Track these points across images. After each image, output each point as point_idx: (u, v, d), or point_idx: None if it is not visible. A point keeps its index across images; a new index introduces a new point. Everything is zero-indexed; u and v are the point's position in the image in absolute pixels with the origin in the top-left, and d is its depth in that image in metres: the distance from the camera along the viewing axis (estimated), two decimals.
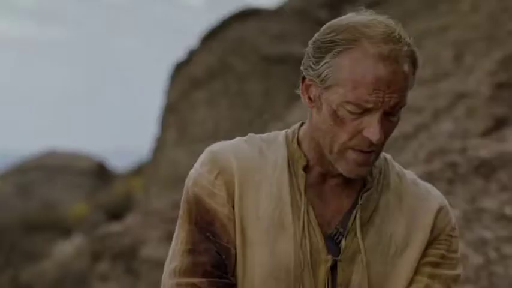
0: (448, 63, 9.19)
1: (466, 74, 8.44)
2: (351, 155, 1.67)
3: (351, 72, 1.63)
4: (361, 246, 1.73)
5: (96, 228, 17.79)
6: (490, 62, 8.15)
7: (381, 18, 1.69)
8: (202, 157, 1.78)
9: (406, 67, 1.64)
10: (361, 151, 1.67)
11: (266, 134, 1.83)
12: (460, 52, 9.25)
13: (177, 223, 1.79)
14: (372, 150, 1.68)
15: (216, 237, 1.73)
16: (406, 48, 1.65)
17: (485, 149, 6.00)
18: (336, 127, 1.67)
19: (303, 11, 17.28)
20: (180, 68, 19.73)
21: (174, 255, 1.75)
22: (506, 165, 5.68)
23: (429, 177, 5.48)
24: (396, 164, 1.84)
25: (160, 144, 18.59)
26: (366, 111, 1.64)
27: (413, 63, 1.68)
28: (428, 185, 1.85)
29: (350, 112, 1.64)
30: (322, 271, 1.73)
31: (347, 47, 1.64)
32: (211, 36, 19.35)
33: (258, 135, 1.82)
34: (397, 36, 1.64)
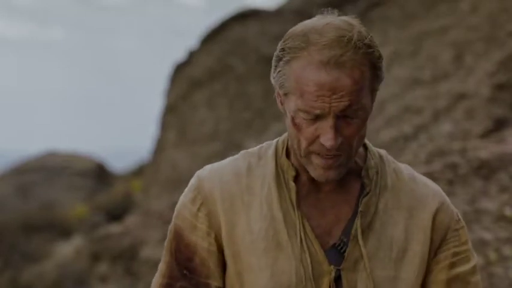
0: (448, 64, 9.19)
1: (465, 75, 8.44)
2: (315, 159, 1.66)
3: (297, 81, 1.63)
4: (364, 253, 1.70)
5: (96, 229, 17.77)
6: (490, 63, 8.15)
7: (342, 20, 1.66)
8: (191, 182, 1.78)
9: (356, 71, 1.61)
10: (323, 156, 1.65)
11: (259, 146, 1.81)
12: (459, 53, 9.24)
13: (164, 246, 1.80)
14: (336, 155, 1.65)
15: (194, 274, 1.73)
16: (355, 51, 1.61)
17: (485, 150, 6.00)
18: (297, 133, 1.66)
19: (303, 12, 17.28)
20: (180, 68, 19.72)
21: (154, 286, 1.79)
22: (506, 166, 5.68)
23: (429, 178, 5.47)
24: (391, 159, 1.81)
25: (160, 145, 18.58)
26: (318, 118, 1.63)
27: (372, 64, 1.64)
28: (425, 180, 1.83)
29: (304, 119, 1.64)
30: (325, 283, 1.70)
31: (294, 55, 1.64)
32: (211, 37, 19.35)
33: (251, 150, 1.81)
34: (346, 41, 1.61)
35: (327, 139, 1.62)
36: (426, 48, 10.27)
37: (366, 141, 1.79)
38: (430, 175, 5.69)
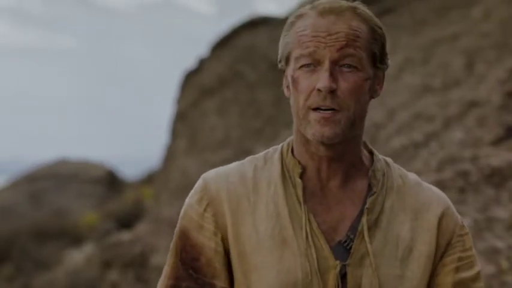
0: (459, 71, 9.17)
1: (477, 82, 8.41)
2: (312, 115, 1.68)
3: (297, 32, 1.71)
4: (369, 249, 1.71)
5: (106, 236, 17.81)
6: (501, 70, 8.12)
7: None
8: (197, 184, 1.80)
9: (353, 21, 1.69)
10: (319, 109, 1.67)
11: (265, 151, 1.84)
12: (471, 60, 9.22)
13: (170, 249, 1.81)
14: (333, 109, 1.67)
15: (199, 274, 1.74)
16: (353, 9, 1.70)
17: (497, 158, 5.97)
18: (297, 93, 1.70)
19: None
20: (190, 76, 19.77)
21: None
22: None
23: (440, 185, 5.46)
24: (397, 166, 1.84)
25: (171, 153, 18.61)
26: (315, 66, 1.68)
27: (370, 26, 1.71)
28: (431, 186, 1.85)
29: (301, 68, 1.69)
30: (331, 277, 1.71)
31: (298, 15, 1.74)
32: (222, 44, 19.39)
33: (257, 155, 1.83)
34: (343, 1, 1.72)
35: (322, 81, 1.66)
36: (437, 55, 10.25)
37: (372, 148, 1.82)
38: (441, 183, 5.67)
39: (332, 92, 1.66)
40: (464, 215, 5.08)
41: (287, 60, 1.74)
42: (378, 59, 1.73)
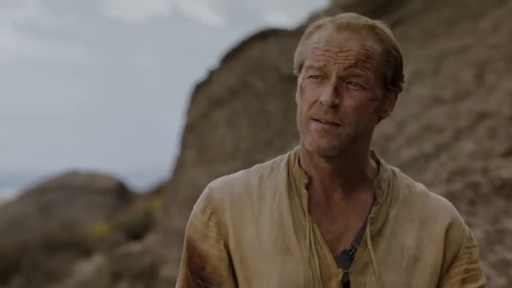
0: (469, 83, 9.16)
1: (487, 94, 8.40)
2: (312, 125, 1.69)
3: (312, 44, 1.73)
4: (373, 257, 1.72)
5: (116, 247, 17.82)
6: (511, 82, 8.12)
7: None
8: (203, 193, 1.82)
9: (368, 41, 1.69)
10: (320, 121, 1.68)
11: (273, 160, 1.85)
12: (480, 72, 9.22)
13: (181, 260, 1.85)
14: (334, 123, 1.68)
15: (206, 283, 1.76)
16: (371, 28, 1.71)
17: (507, 169, 5.96)
18: (302, 101, 1.72)
19: None
20: (200, 87, 19.81)
21: None
22: None
23: (450, 197, 5.45)
24: (404, 176, 1.84)
25: (180, 164, 18.62)
26: (324, 79, 1.69)
27: (385, 47, 1.71)
28: (438, 196, 1.85)
29: (310, 78, 1.70)
30: (333, 285, 1.72)
31: (317, 26, 1.75)
32: (232, 56, 19.44)
33: (264, 163, 1.85)
34: (364, 19, 1.73)
35: (325, 95, 1.67)
36: (447, 67, 10.25)
37: (379, 157, 1.83)
38: (451, 194, 5.66)
39: (334, 107, 1.68)
40: (474, 226, 5.07)
41: (300, 68, 1.76)
42: (390, 81, 1.73)
